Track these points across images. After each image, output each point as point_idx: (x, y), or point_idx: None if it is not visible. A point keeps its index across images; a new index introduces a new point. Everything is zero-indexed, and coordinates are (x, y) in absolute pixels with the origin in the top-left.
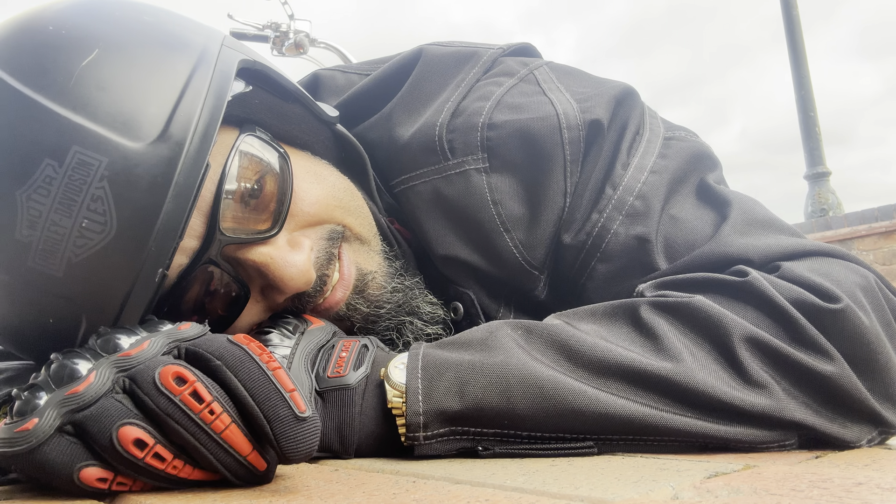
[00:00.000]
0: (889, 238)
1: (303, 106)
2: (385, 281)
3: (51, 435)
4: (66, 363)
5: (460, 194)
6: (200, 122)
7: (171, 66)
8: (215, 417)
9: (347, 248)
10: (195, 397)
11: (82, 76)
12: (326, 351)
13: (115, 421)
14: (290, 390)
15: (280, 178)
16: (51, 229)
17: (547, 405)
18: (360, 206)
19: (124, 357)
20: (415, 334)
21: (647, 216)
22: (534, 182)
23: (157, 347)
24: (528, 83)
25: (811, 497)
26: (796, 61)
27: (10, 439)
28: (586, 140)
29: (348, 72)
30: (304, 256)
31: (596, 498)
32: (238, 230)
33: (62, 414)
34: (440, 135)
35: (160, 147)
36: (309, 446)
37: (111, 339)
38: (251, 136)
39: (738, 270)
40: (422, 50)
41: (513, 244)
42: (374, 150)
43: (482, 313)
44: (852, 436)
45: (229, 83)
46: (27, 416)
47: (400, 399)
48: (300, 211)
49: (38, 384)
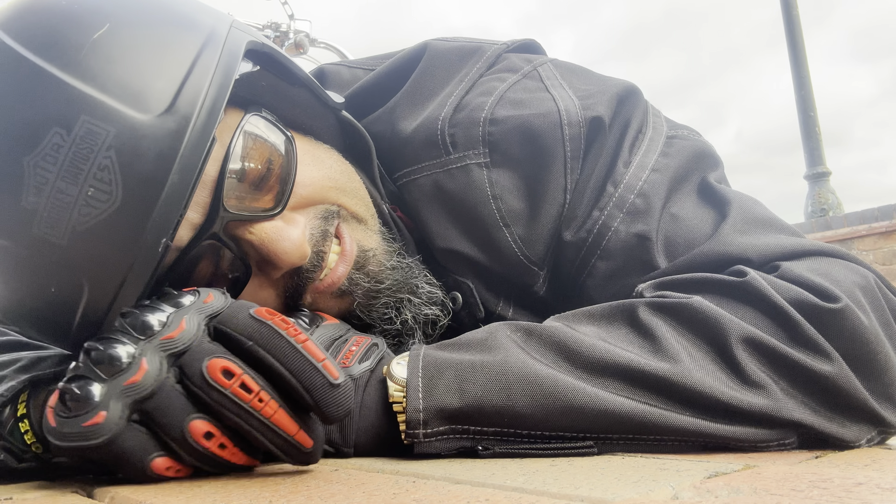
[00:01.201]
0: (889, 238)
1: (309, 91)
2: (385, 258)
3: (123, 427)
4: (107, 351)
5: (461, 188)
6: (208, 98)
7: (181, 44)
8: (264, 404)
9: (346, 227)
10: (244, 388)
11: (93, 48)
12: (339, 344)
13: (183, 414)
14: (321, 360)
15: (285, 158)
16: (57, 197)
17: (546, 402)
18: (356, 188)
19: (168, 340)
20: (413, 313)
21: (647, 214)
22: (534, 178)
23: (195, 326)
24: (531, 79)
25: (811, 497)
26: (796, 61)
27: (83, 433)
28: (587, 137)
29: (353, 66)
30: (299, 231)
31: (596, 498)
32: (241, 207)
33: (128, 405)
34: (442, 129)
35: (167, 120)
36: (346, 408)
37: (139, 319)
38: (257, 116)
39: (736, 270)
40: (427, 45)
41: (512, 239)
42: (379, 142)
43: (481, 305)
44: (851, 435)
45: (237, 62)
46: (91, 407)
47: (401, 393)
48: (294, 193)
49: (83, 374)
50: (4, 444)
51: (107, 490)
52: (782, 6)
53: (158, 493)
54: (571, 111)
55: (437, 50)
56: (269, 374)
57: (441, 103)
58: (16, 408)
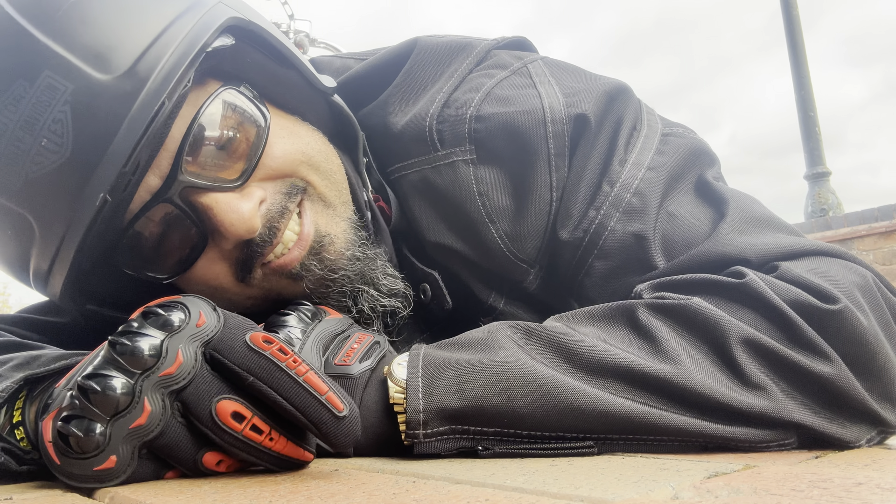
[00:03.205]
0: (889, 238)
1: (298, 73)
2: (344, 247)
3: (135, 465)
4: (104, 391)
5: (448, 185)
6: (167, 64)
7: (157, 12)
8: (274, 442)
9: (310, 207)
10: (255, 430)
11: (70, 9)
12: (342, 339)
13: (194, 449)
14: (324, 393)
15: (255, 134)
16: (14, 144)
17: (546, 403)
18: (332, 170)
19: (167, 377)
20: (370, 304)
21: (644, 213)
22: (519, 175)
23: (192, 357)
24: (520, 76)
25: (811, 497)
26: (796, 61)
27: (96, 476)
28: (572, 135)
29: (344, 57)
30: (251, 205)
31: (596, 498)
32: (201, 175)
33: (136, 447)
34: (430, 125)
35: (124, 81)
36: (353, 437)
37: (129, 348)
38: (233, 89)
39: (735, 271)
40: (416, 40)
41: (497, 235)
42: (372, 137)
43: (448, 294)
44: (851, 436)
45: (207, 34)
46: (99, 451)
47: (401, 395)
48: (262, 164)
49: (80, 414)
50: (5, 447)
51: (107, 490)
52: (782, 6)
53: (158, 494)
54: (555, 108)
55: (427, 45)
56: (271, 405)
57: (430, 99)
58: (12, 413)
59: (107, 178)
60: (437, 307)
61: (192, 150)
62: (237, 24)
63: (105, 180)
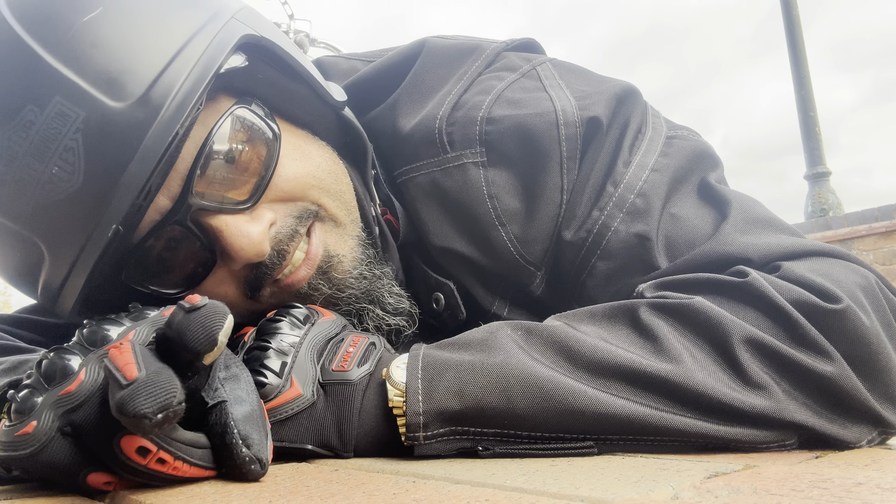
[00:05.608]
0: (889, 238)
1: (309, 86)
2: (352, 266)
3: (52, 437)
4: (57, 360)
5: (458, 187)
6: (181, 90)
7: (169, 33)
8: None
9: (320, 228)
10: (160, 462)
11: (80, 31)
12: (335, 344)
13: (114, 431)
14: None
15: (265, 154)
16: (24, 170)
17: (547, 405)
18: (342, 190)
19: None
20: (375, 322)
21: (647, 214)
22: (530, 178)
23: (143, 336)
24: (529, 79)
25: (811, 497)
26: (796, 61)
27: (13, 443)
28: (584, 137)
29: (351, 58)
30: (260, 229)
31: (596, 498)
32: (212, 196)
33: (59, 416)
34: (440, 128)
35: (137, 109)
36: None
37: (98, 332)
38: (244, 108)
39: (738, 271)
40: (425, 42)
41: (507, 238)
42: (380, 139)
43: (462, 305)
44: (852, 436)
45: (222, 55)
46: (26, 417)
47: (401, 398)
48: (274, 185)
49: (31, 384)
50: None
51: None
52: (782, 6)
53: (158, 493)
54: (568, 111)
55: (436, 47)
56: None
57: (440, 101)
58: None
59: (120, 209)
60: (451, 317)
61: (203, 172)
62: (249, 40)
63: (118, 212)
